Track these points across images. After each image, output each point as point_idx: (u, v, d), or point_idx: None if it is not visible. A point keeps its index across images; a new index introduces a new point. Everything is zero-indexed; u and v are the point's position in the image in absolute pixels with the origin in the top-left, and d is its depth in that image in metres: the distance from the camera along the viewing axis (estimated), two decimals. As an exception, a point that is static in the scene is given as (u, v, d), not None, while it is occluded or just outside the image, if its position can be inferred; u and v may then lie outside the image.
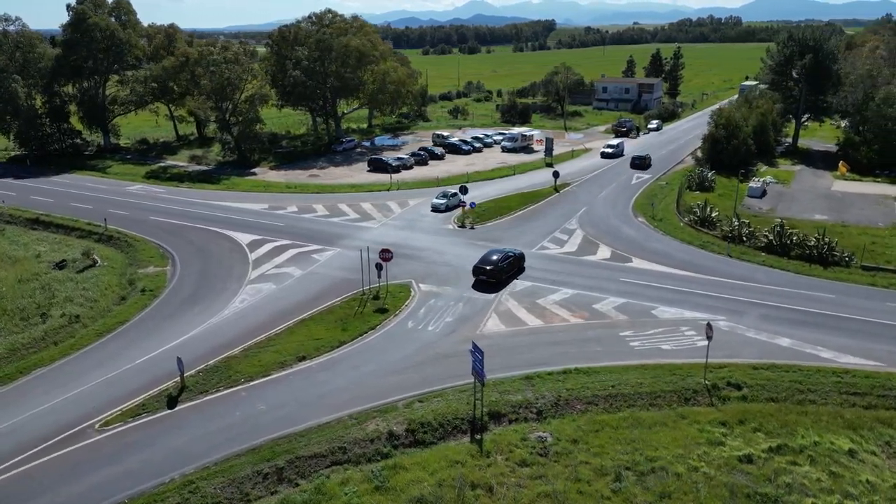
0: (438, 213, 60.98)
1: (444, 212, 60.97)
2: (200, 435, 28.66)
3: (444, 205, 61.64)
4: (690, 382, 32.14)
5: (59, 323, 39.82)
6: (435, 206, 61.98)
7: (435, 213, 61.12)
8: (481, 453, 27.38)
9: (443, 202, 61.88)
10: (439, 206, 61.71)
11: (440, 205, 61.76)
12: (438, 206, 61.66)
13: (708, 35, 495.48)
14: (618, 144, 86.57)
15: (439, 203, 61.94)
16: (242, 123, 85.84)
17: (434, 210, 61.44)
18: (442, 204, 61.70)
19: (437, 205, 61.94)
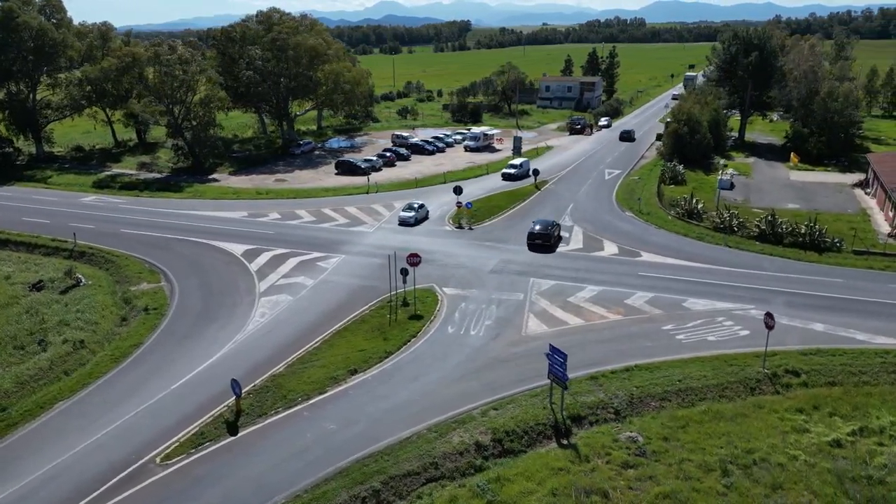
0: (408, 226, 56.24)
1: (413, 225, 56.48)
2: (276, 462, 26.62)
3: (413, 218, 56.63)
4: (750, 372, 32.73)
5: (63, 350, 36.20)
6: (403, 219, 56.68)
7: (404, 226, 56.26)
8: (580, 458, 26.78)
9: (411, 215, 56.78)
10: (408, 219, 56.57)
11: (409, 218, 56.59)
12: (407, 220, 56.52)
13: (617, 35, 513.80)
14: (521, 164, 73.70)
15: (408, 216, 56.72)
16: (197, 127, 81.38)
17: (403, 224, 56.39)
18: (411, 217, 56.63)
19: (405, 218, 56.68)
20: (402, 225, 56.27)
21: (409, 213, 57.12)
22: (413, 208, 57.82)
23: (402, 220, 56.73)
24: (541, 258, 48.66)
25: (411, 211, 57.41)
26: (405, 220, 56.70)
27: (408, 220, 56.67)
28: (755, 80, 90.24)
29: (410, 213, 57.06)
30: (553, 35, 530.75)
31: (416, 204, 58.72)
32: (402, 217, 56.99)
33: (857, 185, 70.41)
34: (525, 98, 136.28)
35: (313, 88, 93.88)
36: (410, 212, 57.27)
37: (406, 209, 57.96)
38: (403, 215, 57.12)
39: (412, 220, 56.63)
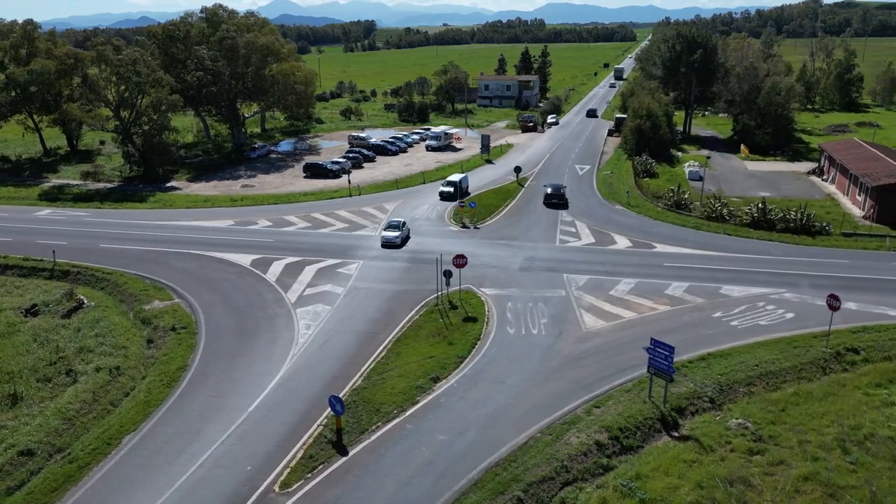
0: (393, 248, 49.88)
1: (400, 246, 50.13)
2: (404, 479, 25.23)
3: (398, 238, 50.08)
4: (815, 352, 34.23)
5: (100, 379, 32.77)
6: (388, 239, 50.03)
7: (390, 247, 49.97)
8: (704, 449, 27.02)
9: (396, 235, 50.14)
10: (393, 239, 49.86)
11: (394, 238, 49.87)
12: (392, 241, 49.84)
13: (520, 36, 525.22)
14: (460, 181, 65.76)
15: (393, 236, 49.97)
16: (149, 132, 76.05)
17: (387, 245, 49.94)
18: (396, 237, 49.97)
19: (390, 238, 49.98)
20: (386, 246, 49.59)
21: (393, 233, 50.36)
22: (397, 227, 51.27)
23: (386, 241, 49.89)
24: (562, 254, 49.02)
25: (395, 230, 50.73)
26: (390, 240, 49.83)
27: (393, 240, 49.80)
28: (699, 77, 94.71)
29: (395, 233, 50.32)
30: (459, 35, 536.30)
31: (398, 221, 52.18)
32: (387, 237, 50.11)
33: (811, 172, 75.30)
34: (464, 97, 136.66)
35: (266, 89, 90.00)
36: (395, 231, 50.68)
37: (389, 228, 51.41)
38: (388, 235, 50.27)
39: (398, 241, 49.95)
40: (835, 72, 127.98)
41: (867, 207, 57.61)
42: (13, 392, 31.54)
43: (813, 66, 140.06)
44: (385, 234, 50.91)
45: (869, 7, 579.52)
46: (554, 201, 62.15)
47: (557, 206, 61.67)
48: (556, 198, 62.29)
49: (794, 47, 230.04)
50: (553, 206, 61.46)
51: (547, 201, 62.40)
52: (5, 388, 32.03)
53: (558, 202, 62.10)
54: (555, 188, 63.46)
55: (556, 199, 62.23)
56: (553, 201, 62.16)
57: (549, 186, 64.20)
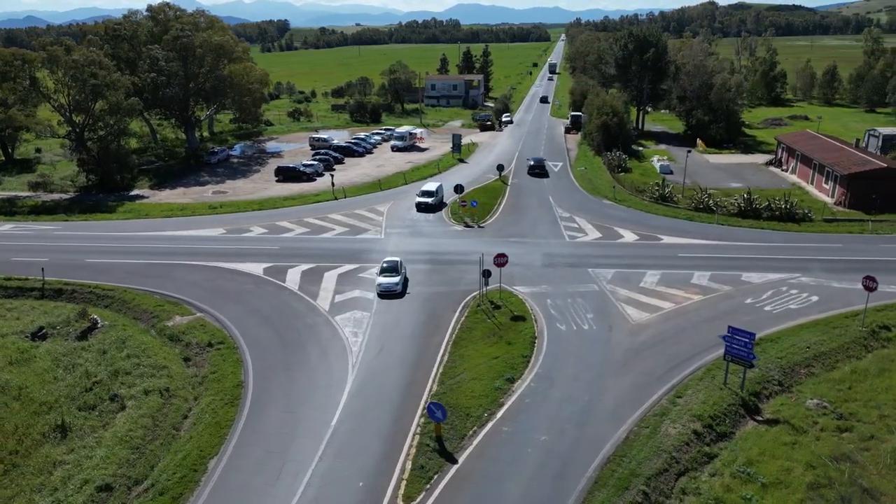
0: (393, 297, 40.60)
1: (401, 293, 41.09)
2: (526, 482, 24.79)
3: (399, 284, 41.19)
4: (853, 332, 36.16)
5: (153, 402, 30.46)
6: (387, 288, 40.79)
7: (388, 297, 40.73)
8: (796, 430, 27.99)
9: (396, 281, 41.17)
10: (393, 287, 40.84)
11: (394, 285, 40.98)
12: (392, 289, 40.79)
13: (438, 36, 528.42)
14: (437, 189, 61.26)
15: (393, 283, 40.96)
16: (106, 138, 71.38)
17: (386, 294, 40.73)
18: (397, 284, 41.06)
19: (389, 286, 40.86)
20: (385, 296, 40.56)
21: (392, 279, 41.08)
22: (394, 269, 41.86)
23: (385, 289, 40.72)
24: (577, 249, 49.68)
25: (393, 274, 41.43)
26: (389, 287, 40.72)
27: (392, 287, 40.78)
28: (652, 75, 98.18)
29: (395, 279, 41.12)
30: (377, 35, 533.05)
31: (394, 262, 42.66)
32: (386, 285, 40.78)
33: (769, 163, 79.54)
34: (410, 97, 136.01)
35: (224, 91, 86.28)
36: (393, 275, 41.36)
37: (386, 273, 41.66)
38: (386, 282, 40.87)
39: (398, 288, 40.99)
40: (760, 69, 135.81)
41: (838, 195, 61.43)
42: (60, 423, 28.77)
43: (739, 64, 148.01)
44: (383, 280, 40.97)
45: (760, 9, 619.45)
46: (537, 171, 74.56)
47: (540, 175, 73.88)
48: (538, 168, 74.89)
49: (718, 46, 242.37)
50: (536, 176, 73.72)
51: (531, 171, 74.67)
52: (48, 419, 29.21)
53: (541, 172, 74.44)
54: (537, 161, 76.31)
55: (539, 170, 74.70)
56: (536, 171, 74.56)
57: (531, 160, 76.97)
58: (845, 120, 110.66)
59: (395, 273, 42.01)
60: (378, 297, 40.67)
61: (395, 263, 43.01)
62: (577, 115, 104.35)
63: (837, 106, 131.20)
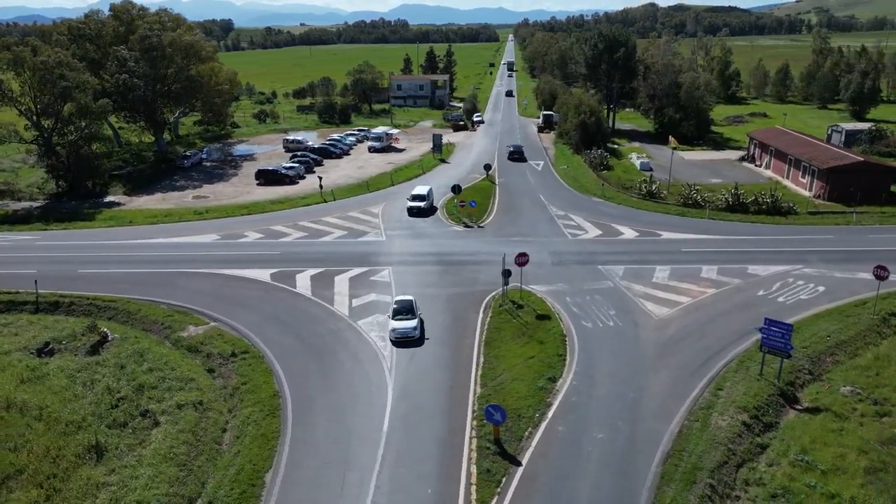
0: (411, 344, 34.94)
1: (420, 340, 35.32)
2: (592, 481, 24.77)
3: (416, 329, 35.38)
4: (866, 319, 37.47)
5: (189, 416, 29.24)
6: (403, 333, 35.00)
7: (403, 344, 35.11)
8: (838, 417, 28.82)
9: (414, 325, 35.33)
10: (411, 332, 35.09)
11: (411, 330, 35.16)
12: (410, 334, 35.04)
13: (388, 37, 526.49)
14: (428, 193, 60.07)
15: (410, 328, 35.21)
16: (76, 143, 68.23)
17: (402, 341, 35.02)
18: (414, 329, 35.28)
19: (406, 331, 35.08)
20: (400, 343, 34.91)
21: (409, 323, 35.44)
22: (408, 310, 36.30)
23: (401, 335, 34.96)
24: (581, 246, 50.10)
25: (409, 317, 35.85)
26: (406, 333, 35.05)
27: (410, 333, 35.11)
28: (622, 74, 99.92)
29: (412, 323, 35.46)
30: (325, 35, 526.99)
31: (407, 301, 37.14)
32: (402, 330, 35.06)
33: (742, 159, 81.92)
34: (376, 97, 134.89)
35: (195, 91, 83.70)
36: (409, 319, 35.71)
37: (400, 316, 35.89)
38: (403, 327, 35.17)
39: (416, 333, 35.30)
40: (717, 68, 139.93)
41: (817, 188, 63.71)
42: (95, 443, 27.27)
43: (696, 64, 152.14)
44: (398, 325, 35.20)
45: (699, 10, 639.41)
46: (516, 156, 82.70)
47: (519, 160, 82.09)
48: (517, 153, 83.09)
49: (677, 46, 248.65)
50: (515, 160, 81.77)
51: (511, 157, 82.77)
52: (79, 440, 27.65)
53: (519, 157, 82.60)
54: (516, 147, 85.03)
55: (518, 155, 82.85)
56: (515, 157, 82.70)
57: (510, 146, 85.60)
58: (802, 116, 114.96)
59: (410, 315, 35.89)
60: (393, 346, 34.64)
61: (409, 303, 36.73)
62: (549, 115, 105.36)
63: (790, 103, 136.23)
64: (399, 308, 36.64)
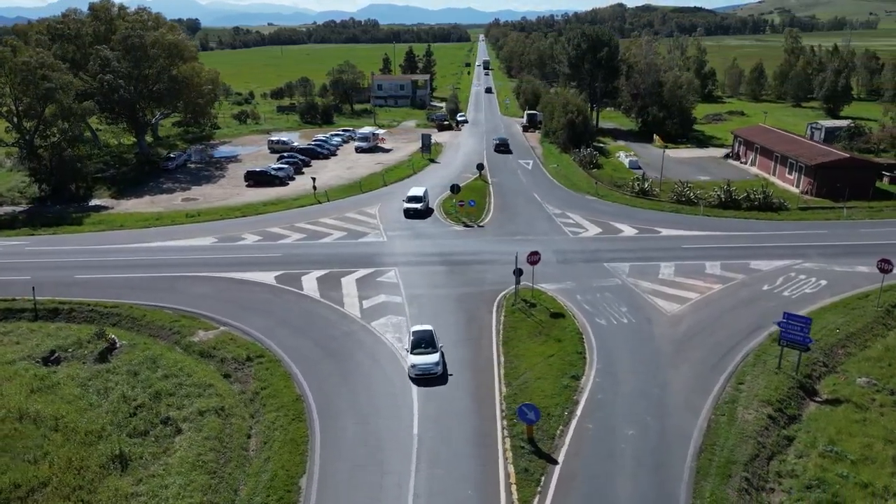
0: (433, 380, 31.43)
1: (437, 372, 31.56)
2: (629, 477, 24.87)
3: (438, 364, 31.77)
4: (870, 312, 38.30)
5: (213, 423, 28.65)
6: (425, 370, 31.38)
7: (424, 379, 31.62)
8: (860, 408, 29.38)
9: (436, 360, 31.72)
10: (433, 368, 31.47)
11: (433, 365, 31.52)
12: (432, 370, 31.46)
13: (359, 36, 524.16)
14: (423, 195, 59.01)
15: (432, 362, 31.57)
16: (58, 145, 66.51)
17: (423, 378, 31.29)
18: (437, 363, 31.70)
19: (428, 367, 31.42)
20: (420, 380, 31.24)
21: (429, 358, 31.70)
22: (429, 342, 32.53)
23: (422, 371, 31.40)
24: (584, 244, 50.42)
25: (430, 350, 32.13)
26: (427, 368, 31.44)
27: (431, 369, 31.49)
28: (605, 73, 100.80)
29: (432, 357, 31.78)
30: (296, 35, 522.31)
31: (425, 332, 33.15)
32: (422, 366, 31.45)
33: (727, 156, 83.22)
34: (356, 97, 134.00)
35: (178, 92, 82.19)
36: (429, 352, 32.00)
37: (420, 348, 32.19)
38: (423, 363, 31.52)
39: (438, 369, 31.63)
40: (693, 67, 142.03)
41: (804, 184, 65.01)
42: (118, 452, 26.52)
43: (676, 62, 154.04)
44: (418, 360, 31.55)
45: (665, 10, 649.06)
46: (502, 148, 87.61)
47: (504, 152, 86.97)
48: (503, 146, 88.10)
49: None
50: (501, 152, 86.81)
51: (497, 149, 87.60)
52: (100, 450, 26.86)
53: (505, 149, 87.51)
54: (501, 139, 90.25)
55: (504, 147, 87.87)
56: (501, 149, 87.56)
57: (496, 139, 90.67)
58: (777, 114, 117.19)
59: (430, 348, 32.03)
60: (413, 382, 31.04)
61: (429, 335, 32.89)
62: (534, 114, 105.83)
63: (764, 101, 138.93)
64: (418, 340, 32.65)
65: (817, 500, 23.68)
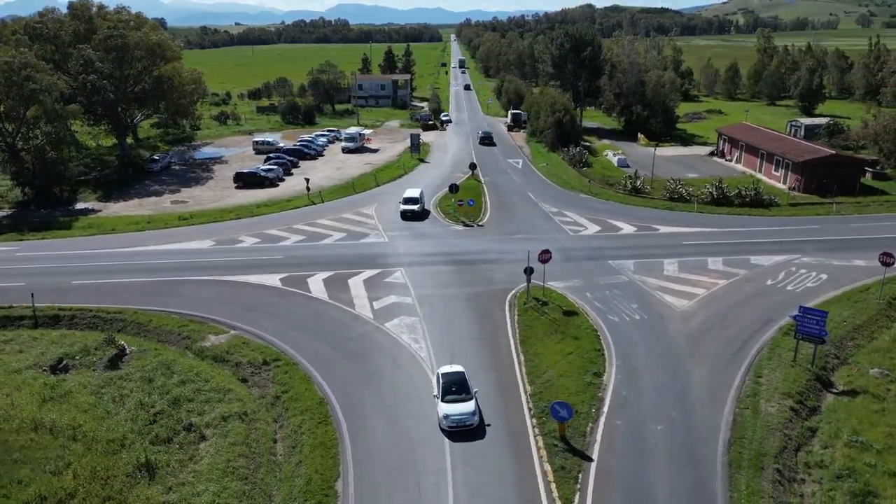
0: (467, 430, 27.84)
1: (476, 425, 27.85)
2: (663, 471, 25.10)
3: (475, 414, 27.78)
4: (872, 304, 39.15)
5: (238, 428, 28.19)
6: (460, 422, 27.34)
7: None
8: (876, 398, 30.05)
9: (473, 410, 27.70)
10: (469, 419, 27.42)
11: (470, 416, 27.48)
12: (468, 422, 27.39)
13: (330, 36, 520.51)
14: (420, 196, 59.07)
15: (468, 412, 27.54)
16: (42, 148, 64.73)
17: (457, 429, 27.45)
18: (474, 414, 27.69)
19: (463, 419, 27.38)
20: (454, 431, 27.29)
21: (463, 407, 27.68)
22: (461, 387, 28.62)
23: (456, 422, 27.31)
24: (586, 242, 50.77)
25: (465, 397, 28.21)
26: (463, 420, 27.35)
27: (467, 420, 27.40)
28: (588, 73, 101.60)
29: (468, 406, 27.77)
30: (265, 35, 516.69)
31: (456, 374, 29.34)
32: (456, 417, 27.40)
33: (711, 154, 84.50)
34: (337, 97, 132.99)
35: (164, 93, 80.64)
36: (464, 399, 28.06)
37: (453, 395, 28.22)
38: (457, 413, 27.48)
39: (474, 420, 27.59)
40: (670, 67, 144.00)
41: (792, 181, 66.32)
42: (145, 461, 25.90)
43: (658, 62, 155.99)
44: (450, 410, 27.52)
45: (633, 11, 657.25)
46: (486, 141, 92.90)
47: (489, 144, 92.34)
48: (488, 139, 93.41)
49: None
50: (486, 145, 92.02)
51: (482, 142, 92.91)
52: (124, 459, 26.19)
53: (489, 142, 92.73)
54: (486, 133, 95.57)
55: (488, 140, 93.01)
56: (486, 141, 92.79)
57: (481, 132, 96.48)
58: (755, 113, 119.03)
59: (464, 393, 28.15)
60: (447, 436, 27.18)
61: (461, 378, 28.78)
62: (518, 113, 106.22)
63: (740, 100, 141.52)
64: (448, 384, 28.46)
65: (850, 489, 24.11)
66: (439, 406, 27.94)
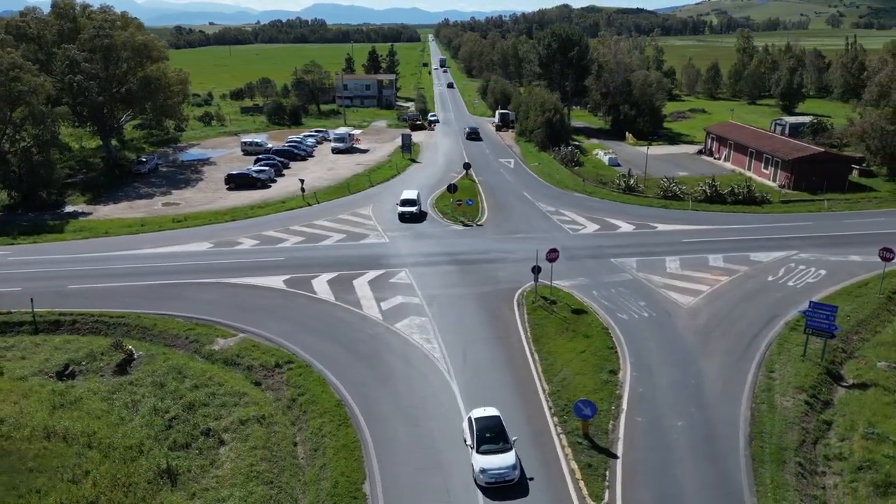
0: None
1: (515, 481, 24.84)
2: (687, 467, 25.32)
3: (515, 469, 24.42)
4: (872, 299, 39.87)
5: (258, 432, 27.85)
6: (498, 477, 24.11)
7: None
8: (887, 391, 30.57)
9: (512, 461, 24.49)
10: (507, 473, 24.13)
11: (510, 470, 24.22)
12: (507, 476, 24.11)
13: (307, 36, 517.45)
14: (417, 197, 58.39)
15: (507, 469, 24.19)
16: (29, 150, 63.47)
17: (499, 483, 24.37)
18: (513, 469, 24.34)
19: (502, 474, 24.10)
20: (491, 489, 24.07)
21: (503, 459, 24.41)
22: (498, 433, 25.36)
23: (495, 477, 24.04)
24: (586, 241, 50.99)
25: (503, 446, 24.93)
26: (503, 474, 24.05)
27: (507, 474, 24.11)
28: (575, 72, 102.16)
29: (508, 458, 24.50)
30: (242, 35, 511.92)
31: (492, 418, 26.05)
32: (494, 472, 24.05)
33: (700, 153, 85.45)
34: (322, 97, 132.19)
35: (152, 94, 79.40)
36: (502, 449, 24.81)
37: (489, 445, 24.87)
38: (496, 468, 24.13)
39: (515, 474, 24.30)
40: (653, 66, 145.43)
41: (781, 178, 67.32)
42: (166, 467, 25.47)
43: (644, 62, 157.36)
44: (487, 464, 24.10)
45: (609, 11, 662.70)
46: (473, 137, 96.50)
47: (476, 140, 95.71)
48: (474, 134, 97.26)
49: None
50: (472, 140, 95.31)
51: (468, 137, 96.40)
52: (145, 465, 25.72)
53: (476, 137, 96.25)
54: (472, 129, 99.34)
55: (475, 136, 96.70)
56: (472, 137, 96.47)
57: (467, 127, 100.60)
58: (737, 111, 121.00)
59: (504, 443, 24.89)
60: (482, 491, 24.11)
61: (497, 421, 25.72)
62: (506, 113, 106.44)
63: (721, 99, 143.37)
64: (483, 430, 25.11)
65: (872, 480, 24.52)
66: (474, 458, 24.44)
